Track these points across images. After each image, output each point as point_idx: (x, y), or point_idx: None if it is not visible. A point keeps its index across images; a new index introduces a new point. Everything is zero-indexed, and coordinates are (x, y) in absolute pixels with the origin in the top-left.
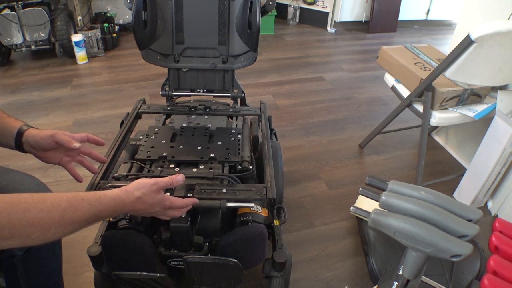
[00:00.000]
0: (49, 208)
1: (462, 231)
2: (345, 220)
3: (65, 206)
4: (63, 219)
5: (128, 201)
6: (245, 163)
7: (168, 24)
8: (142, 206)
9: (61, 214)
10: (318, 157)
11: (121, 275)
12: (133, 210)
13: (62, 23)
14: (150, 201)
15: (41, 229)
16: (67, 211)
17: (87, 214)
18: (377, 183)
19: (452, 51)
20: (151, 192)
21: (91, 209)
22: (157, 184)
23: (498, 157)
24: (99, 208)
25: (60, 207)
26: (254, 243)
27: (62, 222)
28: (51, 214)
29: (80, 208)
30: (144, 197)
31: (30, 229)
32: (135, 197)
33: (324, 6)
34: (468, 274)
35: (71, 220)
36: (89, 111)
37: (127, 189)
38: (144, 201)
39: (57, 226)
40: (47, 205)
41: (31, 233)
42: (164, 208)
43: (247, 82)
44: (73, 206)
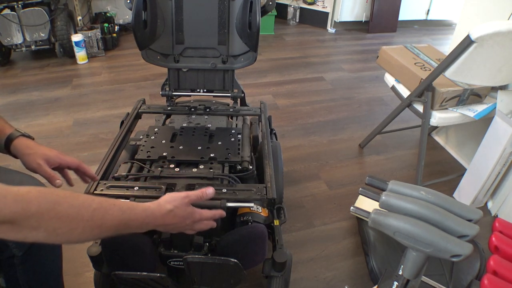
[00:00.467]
0: (79, 205)
1: (462, 231)
2: (345, 220)
3: (96, 206)
4: (92, 219)
5: (159, 214)
6: (245, 163)
7: (168, 24)
8: (173, 220)
9: (91, 213)
10: (318, 157)
11: (121, 275)
12: (163, 225)
13: (62, 23)
14: (181, 214)
15: (69, 225)
16: (97, 212)
17: (116, 220)
18: (377, 183)
19: (452, 51)
20: (183, 204)
21: (121, 216)
22: (188, 197)
23: (498, 157)
24: (129, 217)
25: (91, 207)
26: (254, 243)
27: (90, 223)
28: (81, 211)
29: (110, 212)
30: (176, 210)
31: (58, 222)
32: (167, 210)
33: (324, 6)
34: (468, 274)
35: (100, 222)
36: (89, 111)
37: (159, 202)
38: (176, 214)
39: (85, 225)
40: (78, 201)
41: (58, 227)
42: (194, 221)
43: (247, 82)
44: (104, 209)
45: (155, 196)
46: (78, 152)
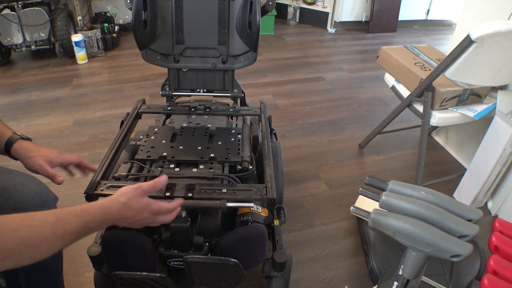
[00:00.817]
0: (38, 225)
1: (462, 231)
2: (345, 220)
3: (53, 221)
4: (53, 234)
5: (114, 208)
6: (245, 163)
7: (168, 24)
8: (129, 213)
9: (50, 229)
10: (318, 157)
11: (121, 275)
12: (122, 218)
13: (62, 23)
14: (136, 206)
15: (33, 247)
16: (56, 226)
17: (76, 226)
18: (377, 183)
19: (452, 51)
20: (135, 196)
21: (79, 221)
22: (140, 188)
23: (498, 157)
24: (86, 219)
25: (49, 223)
26: (254, 243)
27: (53, 238)
28: (41, 230)
29: (68, 221)
30: (130, 202)
31: (22, 247)
32: (121, 203)
33: (324, 6)
34: (468, 274)
35: (61, 234)
36: (89, 111)
37: (112, 197)
38: (130, 207)
39: (48, 241)
40: (35, 222)
41: (23, 251)
42: (153, 213)
43: (247, 82)
44: (61, 220)
45: (155, 196)
46: (78, 152)
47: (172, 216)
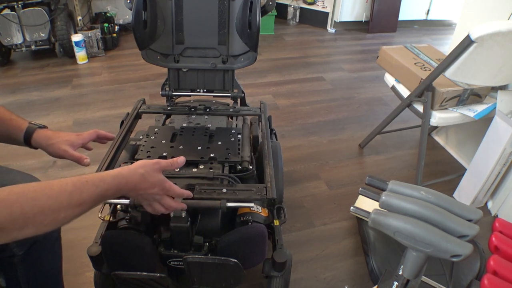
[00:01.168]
0: (56, 194)
1: (462, 231)
2: (345, 220)
3: (71, 190)
4: (71, 202)
5: (131, 179)
6: (245, 163)
7: (168, 24)
8: (144, 185)
9: (68, 198)
10: (318, 157)
11: (121, 275)
12: (135, 189)
13: (62, 23)
14: (151, 180)
15: (52, 214)
16: (74, 194)
17: (93, 195)
18: (377, 183)
19: (452, 51)
20: (153, 170)
21: (96, 190)
22: (158, 164)
23: (498, 157)
24: (104, 188)
25: (67, 192)
26: (254, 243)
27: (70, 205)
28: (59, 199)
29: (85, 189)
30: (147, 175)
31: (42, 215)
32: (139, 174)
33: (324, 6)
34: (468, 274)
35: (78, 202)
36: (89, 111)
37: (129, 166)
38: (146, 179)
39: (66, 209)
40: (54, 191)
41: (43, 219)
42: (163, 190)
43: (247, 82)
44: (79, 189)
45: None
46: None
47: (175, 206)
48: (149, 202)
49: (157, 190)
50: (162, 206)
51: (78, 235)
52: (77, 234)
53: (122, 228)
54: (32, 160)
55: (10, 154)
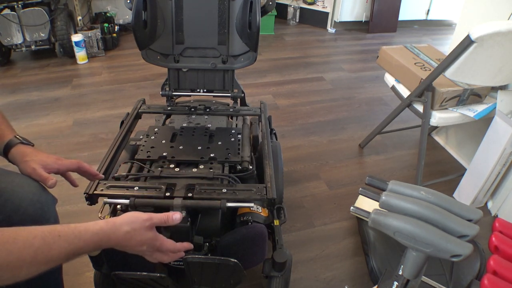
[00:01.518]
0: (19, 249)
1: (462, 231)
2: (345, 220)
3: (38, 245)
4: (35, 259)
5: (114, 236)
6: (245, 163)
7: (168, 24)
8: (129, 243)
9: (33, 254)
10: (318, 157)
11: (121, 275)
12: (118, 245)
13: (62, 23)
14: (138, 238)
15: (11, 271)
16: (40, 251)
17: (63, 253)
18: (377, 183)
19: (452, 51)
20: (143, 228)
21: (68, 247)
22: (150, 220)
23: (498, 157)
24: (78, 246)
25: (33, 247)
26: (254, 243)
27: (34, 262)
28: (22, 255)
29: (55, 246)
30: (133, 233)
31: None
32: (123, 231)
33: (324, 6)
34: (468, 274)
35: (45, 260)
36: (89, 111)
37: (114, 222)
38: (132, 237)
39: (29, 267)
40: (17, 245)
41: (0, 275)
42: (153, 249)
43: (247, 82)
44: (48, 245)
45: (155, 196)
46: (78, 152)
47: (172, 258)
48: (138, 254)
49: (146, 248)
50: (154, 260)
51: None
52: None
53: None
54: None
55: None
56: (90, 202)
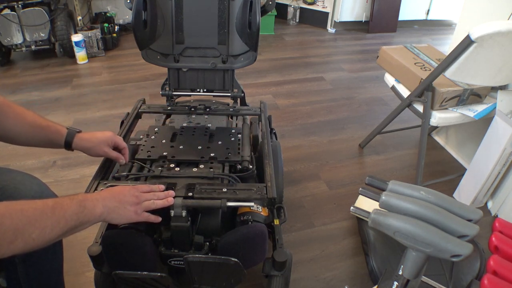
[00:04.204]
0: (41, 207)
1: (462, 231)
2: (345, 220)
3: (52, 203)
4: (54, 214)
5: (101, 191)
6: (245, 163)
7: (168, 24)
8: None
9: (51, 210)
10: (318, 157)
11: (122, 274)
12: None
13: (62, 23)
14: (118, 187)
15: (39, 226)
16: (56, 206)
17: (72, 206)
18: (377, 183)
19: (452, 51)
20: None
21: (73, 201)
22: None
23: (498, 157)
24: (79, 198)
25: (49, 205)
26: (254, 243)
27: (55, 217)
28: (44, 210)
29: (64, 202)
30: (111, 188)
31: (30, 228)
32: (104, 190)
33: (324, 6)
34: (468, 274)
35: (61, 214)
36: (89, 111)
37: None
38: (113, 188)
39: (52, 221)
40: (37, 204)
41: (31, 232)
42: (135, 190)
43: (247, 82)
44: (58, 202)
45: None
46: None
47: (159, 198)
48: (133, 208)
49: (129, 188)
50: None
51: (78, 235)
52: (77, 234)
53: (122, 228)
54: (32, 160)
55: (10, 154)
56: None
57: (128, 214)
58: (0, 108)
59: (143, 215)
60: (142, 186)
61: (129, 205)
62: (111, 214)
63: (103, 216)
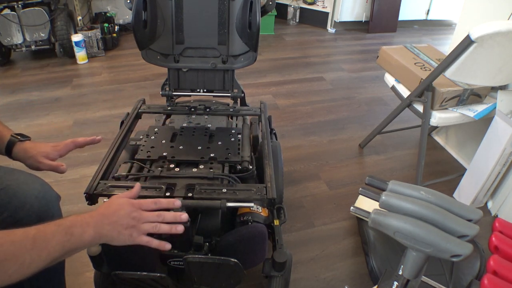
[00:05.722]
0: (19, 238)
1: (462, 231)
2: (345, 220)
3: (33, 232)
4: (35, 246)
5: (93, 212)
6: (245, 163)
7: (168, 24)
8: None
9: (31, 241)
10: (318, 157)
11: (121, 275)
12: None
13: (62, 23)
14: (115, 201)
15: (16, 261)
16: (37, 236)
17: (57, 234)
18: (377, 183)
19: (452, 51)
20: (115, 197)
21: (59, 228)
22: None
23: (498, 157)
24: (66, 224)
25: (30, 235)
26: (254, 243)
27: (35, 250)
28: (23, 243)
29: (48, 230)
30: (108, 201)
31: (7, 264)
32: (100, 207)
33: (324, 6)
34: (468, 274)
35: (43, 245)
36: (89, 111)
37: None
38: (109, 204)
39: (31, 254)
40: (16, 236)
41: (8, 268)
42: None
43: (247, 82)
44: (41, 231)
45: (155, 196)
46: (78, 152)
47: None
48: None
49: (127, 207)
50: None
51: None
52: None
53: None
54: None
55: None
56: (90, 202)
57: (122, 239)
58: None
59: (141, 239)
60: (147, 202)
61: (124, 228)
62: (103, 238)
63: (94, 241)
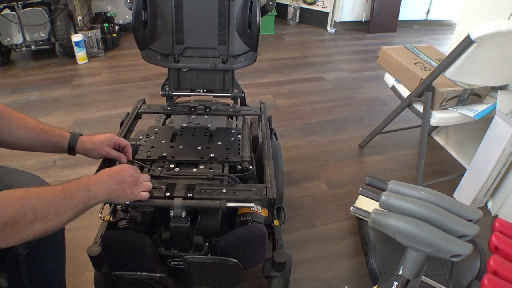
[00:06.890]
0: (52, 190)
1: (462, 231)
2: (345, 220)
3: (60, 188)
4: (65, 197)
5: (99, 173)
6: (245, 163)
7: (168, 24)
8: (112, 171)
9: (61, 192)
10: (318, 157)
11: (121, 275)
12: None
13: (62, 23)
14: (118, 166)
15: (54, 207)
16: (64, 190)
17: (79, 188)
18: (377, 183)
19: (452, 51)
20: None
21: (79, 185)
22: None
23: (498, 157)
24: (84, 182)
25: (58, 189)
26: (254, 243)
27: (65, 200)
28: (56, 193)
29: (71, 185)
30: (111, 168)
31: (47, 208)
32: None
33: (324, 6)
34: (468, 274)
35: (70, 196)
36: (89, 111)
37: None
38: (112, 168)
39: (65, 202)
40: (47, 188)
41: (48, 213)
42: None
43: (247, 82)
44: (66, 186)
45: (155, 196)
46: None
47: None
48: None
49: (129, 169)
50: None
51: (78, 235)
52: (77, 234)
53: (122, 228)
54: (32, 160)
55: (10, 154)
56: None
57: (125, 196)
58: (1, 113)
59: (140, 195)
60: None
61: (127, 187)
62: (110, 196)
63: (103, 198)
